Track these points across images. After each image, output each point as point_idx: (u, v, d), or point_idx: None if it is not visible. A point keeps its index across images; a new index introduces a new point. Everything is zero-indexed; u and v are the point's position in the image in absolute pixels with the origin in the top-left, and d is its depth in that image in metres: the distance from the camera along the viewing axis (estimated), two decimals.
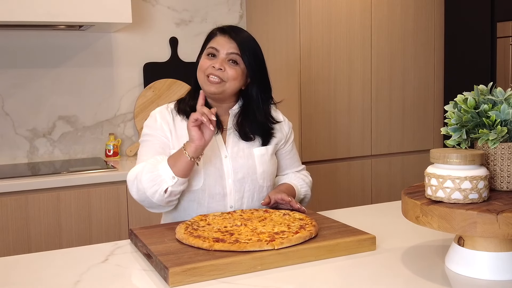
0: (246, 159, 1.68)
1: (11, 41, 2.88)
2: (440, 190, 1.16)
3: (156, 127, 1.69)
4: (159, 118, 1.71)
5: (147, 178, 1.54)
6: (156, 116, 1.72)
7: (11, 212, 2.40)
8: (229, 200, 1.66)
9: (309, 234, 1.33)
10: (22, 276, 1.26)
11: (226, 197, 1.65)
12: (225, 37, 1.66)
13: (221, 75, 1.63)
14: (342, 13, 3.01)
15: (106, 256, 1.37)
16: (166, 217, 1.75)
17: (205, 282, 1.17)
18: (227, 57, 1.64)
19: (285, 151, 1.83)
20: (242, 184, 1.67)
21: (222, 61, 1.63)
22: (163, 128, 1.69)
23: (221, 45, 1.65)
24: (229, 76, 1.63)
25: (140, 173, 1.56)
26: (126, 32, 3.11)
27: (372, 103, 3.16)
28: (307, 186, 1.84)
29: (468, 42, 3.15)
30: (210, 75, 1.63)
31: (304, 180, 1.84)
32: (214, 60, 1.64)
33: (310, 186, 1.87)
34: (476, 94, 1.27)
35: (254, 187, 1.69)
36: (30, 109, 2.94)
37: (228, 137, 1.71)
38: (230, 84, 1.64)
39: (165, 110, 1.74)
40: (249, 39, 1.70)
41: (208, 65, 1.64)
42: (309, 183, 1.87)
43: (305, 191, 1.83)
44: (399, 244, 1.41)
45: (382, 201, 3.14)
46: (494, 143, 1.22)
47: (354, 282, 1.17)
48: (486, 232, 1.07)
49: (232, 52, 1.64)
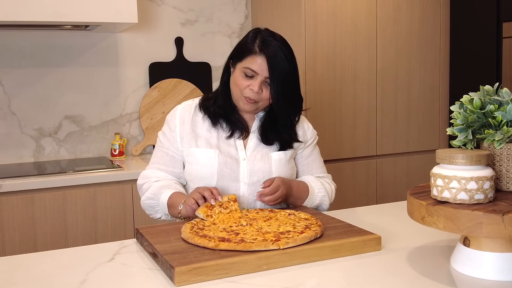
0: (263, 163, 1.70)
1: (17, 40, 2.90)
2: (446, 190, 1.16)
3: (171, 128, 1.74)
4: (178, 117, 1.74)
5: (147, 203, 1.72)
6: (176, 114, 1.75)
7: (17, 211, 2.41)
8: (242, 202, 1.67)
9: (314, 234, 1.33)
10: (29, 275, 1.26)
11: (239, 198, 1.66)
12: (263, 58, 1.62)
13: (257, 98, 1.65)
14: (347, 12, 3.01)
15: (112, 255, 1.38)
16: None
17: (211, 282, 1.17)
18: (265, 80, 1.64)
19: (303, 156, 1.82)
20: (256, 187, 1.68)
21: (260, 84, 1.64)
22: (176, 131, 1.73)
23: (260, 68, 1.62)
24: (263, 97, 1.66)
25: (144, 190, 1.73)
26: (131, 32, 3.12)
27: (378, 103, 3.16)
28: (325, 192, 1.78)
29: (474, 42, 3.14)
30: (247, 98, 1.65)
31: (323, 185, 1.79)
32: (252, 81, 1.64)
33: (330, 195, 1.80)
34: (482, 95, 1.27)
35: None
36: (36, 108, 2.96)
37: (250, 140, 1.73)
38: (264, 103, 1.68)
39: (188, 107, 1.77)
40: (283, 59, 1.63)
41: (245, 86, 1.64)
42: (330, 191, 1.81)
43: (322, 196, 1.77)
44: (404, 244, 1.41)
45: (387, 201, 3.13)
46: (500, 144, 1.22)
47: (359, 282, 1.17)
48: (492, 233, 1.07)
49: (268, 76, 1.64)
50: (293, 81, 1.69)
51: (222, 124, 1.72)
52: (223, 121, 1.72)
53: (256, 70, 1.63)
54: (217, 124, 1.72)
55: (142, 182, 1.76)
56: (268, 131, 1.72)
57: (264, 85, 1.65)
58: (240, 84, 1.65)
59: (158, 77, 3.17)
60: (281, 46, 1.65)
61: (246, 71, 1.64)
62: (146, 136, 3.14)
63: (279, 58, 1.63)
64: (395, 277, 1.19)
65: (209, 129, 1.71)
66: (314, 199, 1.75)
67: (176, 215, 1.63)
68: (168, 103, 3.14)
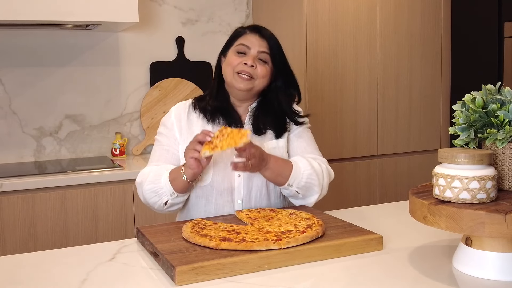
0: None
1: (18, 40, 2.89)
2: (448, 190, 1.16)
3: (168, 127, 1.72)
4: (173, 115, 1.73)
5: (149, 188, 1.62)
6: (171, 113, 1.74)
7: (18, 210, 2.41)
8: (237, 195, 1.66)
9: (315, 233, 1.33)
10: (29, 274, 1.26)
11: (234, 192, 1.65)
12: (256, 35, 1.68)
13: (252, 72, 1.64)
14: (348, 12, 3.00)
15: (113, 254, 1.37)
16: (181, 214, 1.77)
17: (212, 281, 1.17)
18: (258, 55, 1.66)
19: (293, 137, 1.75)
20: (250, 179, 1.66)
21: (254, 58, 1.65)
22: (174, 128, 1.71)
23: (252, 43, 1.66)
24: (259, 73, 1.65)
25: (144, 181, 1.64)
26: (132, 32, 3.12)
27: (379, 102, 3.15)
28: (312, 170, 1.63)
29: (476, 42, 3.14)
30: (241, 72, 1.64)
31: (311, 163, 1.65)
32: (245, 57, 1.65)
33: (319, 175, 1.65)
34: (484, 94, 1.27)
35: (262, 182, 1.67)
36: (37, 108, 2.95)
37: None
38: (259, 82, 1.67)
39: (182, 105, 1.76)
40: (276, 40, 1.71)
41: (239, 62, 1.64)
42: (319, 171, 1.66)
43: (308, 174, 1.62)
44: (406, 244, 1.40)
45: (388, 201, 3.13)
46: (502, 143, 1.22)
47: (361, 282, 1.17)
48: (494, 232, 1.07)
49: (263, 51, 1.66)
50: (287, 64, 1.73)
51: (219, 118, 1.70)
52: (219, 114, 1.70)
53: (249, 44, 1.66)
54: (213, 119, 1.70)
55: (140, 179, 1.68)
56: (259, 120, 1.70)
57: (258, 61, 1.65)
58: (233, 62, 1.66)
59: (159, 76, 3.17)
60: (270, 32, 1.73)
61: (238, 48, 1.67)
62: (147, 135, 3.14)
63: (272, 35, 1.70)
64: (396, 277, 1.19)
65: (204, 126, 1.69)
66: (300, 178, 1.62)
67: (182, 184, 1.57)
68: (169, 103, 3.14)
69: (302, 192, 1.65)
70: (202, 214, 1.67)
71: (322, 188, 1.67)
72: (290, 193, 1.66)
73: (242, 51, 1.66)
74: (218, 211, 1.66)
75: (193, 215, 1.69)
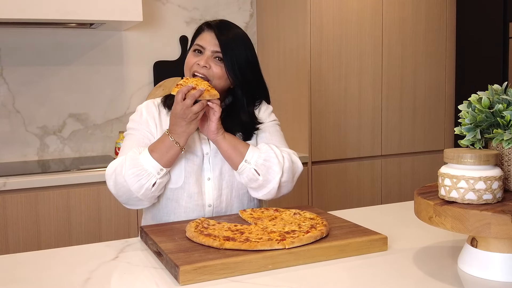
0: None
1: (22, 39, 2.90)
2: (454, 190, 1.15)
3: (141, 121, 1.67)
4: (145, 112, 1.68)
5: (131, 173, 1.50)
6: (142, 110, 1.70)
7: (21, 209, 2.41)
8: (207, 198, 1.63)
9: (320, 233, 1.32)
10: (32, 273, 1.26)
11: (203, 195, 1.62)
12: (211, 33, 1.61)
13: (206, 73, 1.59)
14: (353, 11, 3.00)
15: (116, 253, 1.37)
16: (146, 216, 1.72)
17: (216, 281, 1.17)
18: (213, 54, 1.60)
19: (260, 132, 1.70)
20: (219, 181, 1.63)
21: (207, 58, 1.59)
22: (148, 123, 1.67)
23: (207, 42, 1.60)
24: (214, 74, 1.59)
25: (120, 167, 1.52)
26: (136, 31, 3.12)
27: (383, 102, 3.15)
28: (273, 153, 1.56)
29: (480, 42, 3.13)
30: (195, 73, 1.59)
31: (272, 148, 1.58)
32: (200, 57, 1.60)
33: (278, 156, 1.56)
34: (490, 94, 1.26)
35: (232, 183, 1.64)
36: (40, 106, 2.95)
37: None
38: (216, 83, 1.59)
39: (151, 104, 1.71)
40: (236, 38, 1.62)
41: (194, 62, 1.60)
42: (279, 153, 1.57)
43: (266, 151, 1.57)
44: (410, 244, 1.40)
45: (392, 201, 3.12)
46: (508, 143, 1.21)
47: (365, 283, 1.16)
48: (500, 233, 1.06)
49: (217, 50, 1.60)
50: (249, 62, 1.63)
51: None
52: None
53: (203, 44, 1.60)
54: None
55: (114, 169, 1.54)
56: (226, 122, 1.61)
57: (214, 61, 1.59)
58: (189, 62, 1.62)
59: (162, 75, 3.16)
60: (233, 26, 1.65)
61: (194, 48, 1.63)
62: None
63: (230, 33, 1.61)
64: (401, 277, 1.18)
65: None
66: (258, 156, 1.56)
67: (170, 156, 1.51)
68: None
69: (261, 173, 1.56)
70: (171, 217, 1.62)
71: (283, 171, 1.56)
72: (248, 175, 1.57)
73: (198, 50, 1.62)
74: (188, 215, 1.62)
75: (163, 218, 1.64)
